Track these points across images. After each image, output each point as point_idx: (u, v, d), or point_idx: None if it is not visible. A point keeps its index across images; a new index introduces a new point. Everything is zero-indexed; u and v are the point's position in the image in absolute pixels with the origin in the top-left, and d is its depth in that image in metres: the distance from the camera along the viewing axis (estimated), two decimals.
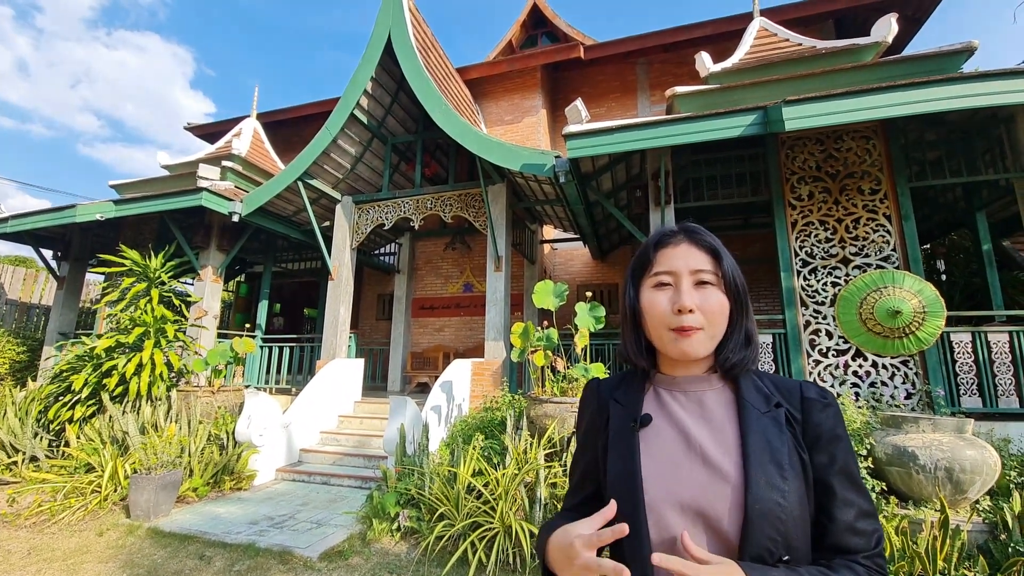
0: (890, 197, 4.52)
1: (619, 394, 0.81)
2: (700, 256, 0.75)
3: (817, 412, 0.72)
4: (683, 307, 0.72)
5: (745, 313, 0.76)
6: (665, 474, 0.69)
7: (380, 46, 6.15)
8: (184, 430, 4.80)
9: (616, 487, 0.71)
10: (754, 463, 0.66)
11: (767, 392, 0.74)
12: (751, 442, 0.68)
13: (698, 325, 0.72)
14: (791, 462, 0.68)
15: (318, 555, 3.18)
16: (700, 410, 0.74)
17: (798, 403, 0.73)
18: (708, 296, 0.73)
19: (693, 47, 8.14)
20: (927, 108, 3.63)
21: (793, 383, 0.76)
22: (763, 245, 7.75)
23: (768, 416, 0.71)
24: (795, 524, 0.65)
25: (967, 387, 4.14)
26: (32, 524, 3.67)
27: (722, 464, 0.68)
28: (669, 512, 0.67)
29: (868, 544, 0.67)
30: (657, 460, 0.71)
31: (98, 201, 6.82)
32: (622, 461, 0.73)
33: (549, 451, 3.77)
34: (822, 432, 0.71)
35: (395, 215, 6.92)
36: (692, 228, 0.79)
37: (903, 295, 4.09)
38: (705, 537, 0.66)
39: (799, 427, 0.71)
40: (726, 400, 0.75)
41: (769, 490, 0.65)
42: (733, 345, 0.75)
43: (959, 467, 2.91)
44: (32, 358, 8.48)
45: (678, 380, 0.77)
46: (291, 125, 11.14)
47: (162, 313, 5.73)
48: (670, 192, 5.01)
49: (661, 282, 0.76)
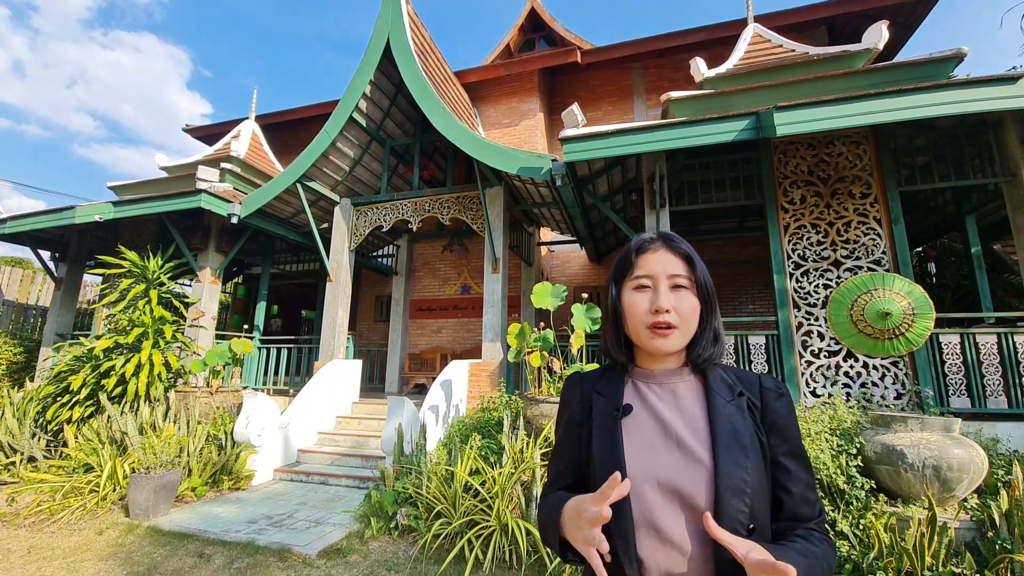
0: (880, 201, 4.60)
1: (600, 386, 0.89)
2: (676, 262, 0.84)
3: (773, 400, 0.82)
4: (660, 307, 0.80)
5: (713, 313, 0.85)
6: (644, 457, 0.78)
7: (379, 50, 6.21)
8: (183, 430, 4.82)
9: (601, 470, 0.79)
10: (722, 446, 0.75)
11: (731, 383, 0.84)
12: (719, 427, 0.77)
13: (674, 323, 0.81)
14: (752, 444, 0.77)
15: (317, 553, 3.22)
16: (674, 400, 0.83)
17: (758, 392, 0.83)
18: (682, 298, 0.82)
19: (688, 52, 8.24)
20: (916, 114, 3.70)
21: (753, 375, 0.86)
22: (757, 248, 7.84)
23: (733, 404, 0.80)
24: (757, 498, 0.74)
25: (956, 388, 4.20)
26: (31, 523, 3.69)
27: (695, 448, 0.76)
28: (648, 491, 0.75)
29: (814, 512, 0.79)
30: (637, 445, 0.79)
31: (97, 203, 6.84)
32: (607, 447, 0.80)
33: (545, 450, 3.82)
34: (777, 418, 0.82)
35: (393, 217, 6.97)
36: (669, 236, 0.88)
37: (893, 297, 4.17)
38: (682, 513, 0.74)
39: (758, 413, 0.81)
40: (696, 390, 0.84)
41: (736, 469, 0.74)
42: (704, 343, 0.84)
43: (947, 465, 2.97)
44: (29, 359, 8.47)
45: (654, 373, 0.86)
46: (289, 127, 11.18)
47: (161, 314, 5.76)
48: (665, 196, 5.08)
49: (641, 284, 0.84)
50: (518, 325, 4.51)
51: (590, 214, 6.59)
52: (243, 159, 8.06)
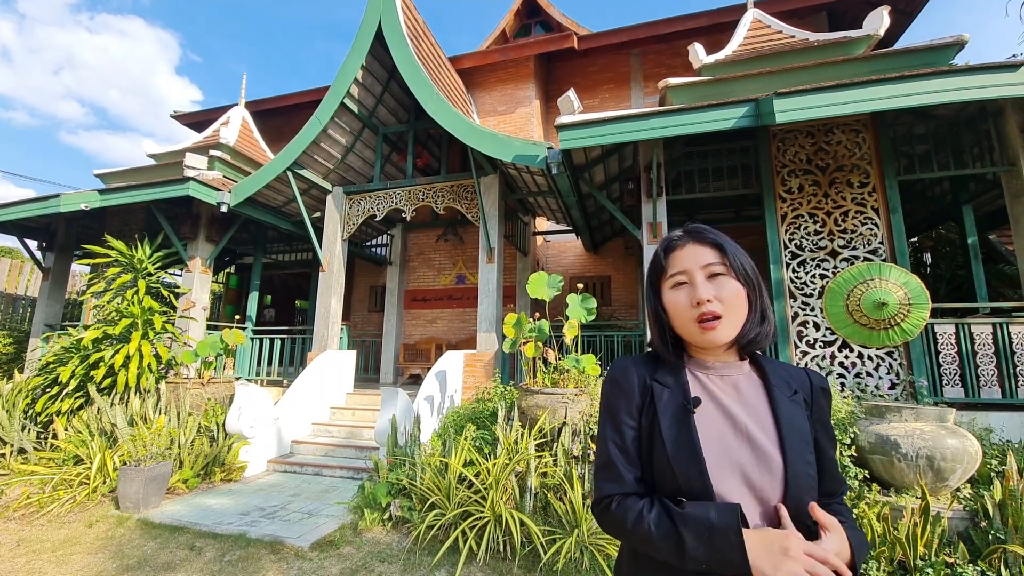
0: (878, 190, 4.56)
1: (660, 376, 0.88)
2: (707, 252, 0.85)
3: (822, 398, 0.88)
4: (700, 299, 0.81)
5: (758, 295, 0.86)
6: (718, 450, 0.79)
7: (370, 34, 6.05)
8: (173, 422, 4.77)
9: (679, 464, 0.79)
10: (790, 444, 0.79)
11: (787, 379, 0.87)
12: (785, 425, 0.81)
13: (719, 312, 0.81)
14: (810, 440, 0.82)
15: (309, 545, 3.19)
16: (737, 394, 0.84)
17: (808, 390, 0.87)
18: (722, 285, 0.83)
19: (687, 38, 8.11)
20: (917, 101, 3.65)
21: (800, 372, 0.90)
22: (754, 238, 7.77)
23: (792, 401, 0.84)
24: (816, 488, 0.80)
25: (950, 378, 4.21)
26: (21, 516, 3.65)
27: (765, 444, 0.79)
28: (724, 483, 0.78)
29: (841, 488, 0.87)
30: (709, 437, 0.80)
31: (83, 191, 6.69)
32: (683, 440, 0.80)
33: (540, 441, 3.80)
34: (822, 413, 0.88)
35: (387, 206, 6.87)
36: (695, 229, 0.89)
37: (889, 287, 4.14)
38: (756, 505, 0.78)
39: (809, 410, 0.86)
40: (756, 385, 0.86)
41: (804, 465, 0.79)
42: (750, 324, 0.84)
43: (940, 455, 2.97)
44: (19, 350, 8.37)
45: (712, 365, 0.87)
46: (281, 114, 10.97)
47: (149, 304, 5.67)
48: (662, 184, 5.02)
49: (678, 282, 0.85)
50: (515, 315, 4.46)
51: (586, 203, 6.52)
52: (233, 146, 7.90)
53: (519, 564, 2.94)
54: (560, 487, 3.38)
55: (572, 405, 3.77)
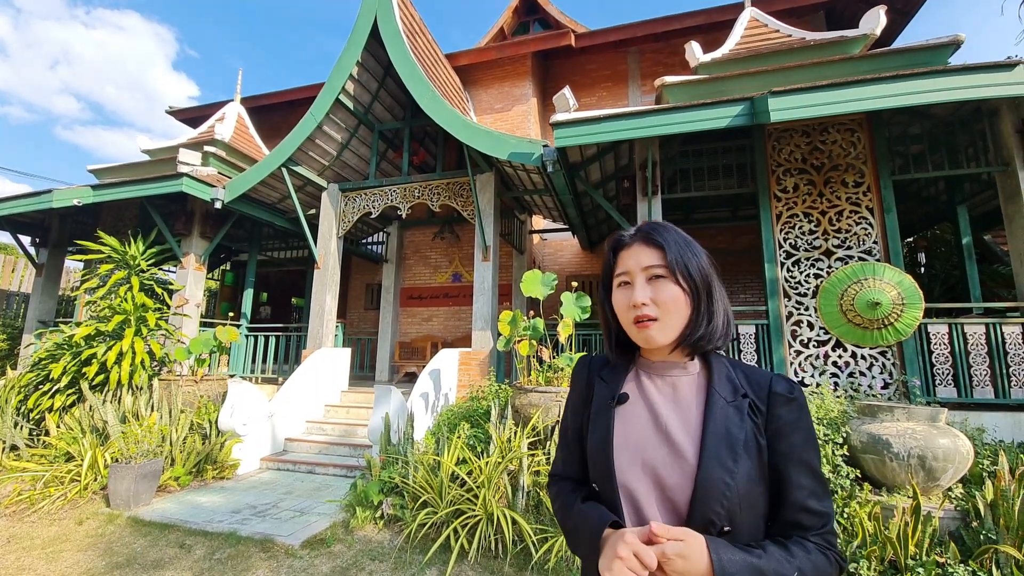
0: (873, 190, 4.56)
1: (605, 372, 0.91)
2: (650, 253, 0.83)
3: (780, 406, 0.79)
4: (635, 302, 0.81)
5: (704, 297, 0.82)
6: (633, 446, 0.80)
7: (366, 29, 6.02)
8: (165, 419, 4.75)
9: (593, 455, 0.84)
10: (709, 446, 0.75)
11: (736, 383, 0.82)
12: (710, 427, 0.77)
13: (653, 315, 0.80)
14: (746, 448, 0.76)
15: (300, 543, 3.18)
16: (673, 393, 0.83)
17: (765, 396, 0.80)
18: (659, 289, 0.81)
19: (685, 37, 8.10)
20: (912, 101, 3.64)
21: (765, 376, 0.83)
22: (750, 237, 7.81)
23: (732, 405, 0.79)
24: (741, 501, 0.73)
25: (943, 378, 4.22)
26: (11, 513, 3.63)
27: (683, 444, 0.77)
28: (634, 478, 0.78)
29: (818, 523, 0.76)
30: (628, 434, 0.81)
31: (76, 186, 6.64)
32: (600, 433, 0.84)
33: (533, 440, 3.79)
34: (781, 424, 0.79)
35: (382, 203, 6.84)
36: (644, 228, 0.87)
37: (883, 287, 4.15)
38: (661, 504, 0.77)
39: (762, 417, 0.79)
40: (698, 386, 0.83)
41: (719, 470, 0.74)
42: (692, 327, 0.82)
43: (932, 455, 2.98)
44: (12, 346, 8.32)
45: (656, 364, 0.86)
46: (277, 110, 10.92)
47: (143, 301, 5.64)
48: (658, 183, 5.00)
49: (622, 281, 0.85)
50: (510, 313, 4.45)
51: (582, 201, 6.51)
52: (228, 142, 7.86)
53: (510, 562, 2.93)
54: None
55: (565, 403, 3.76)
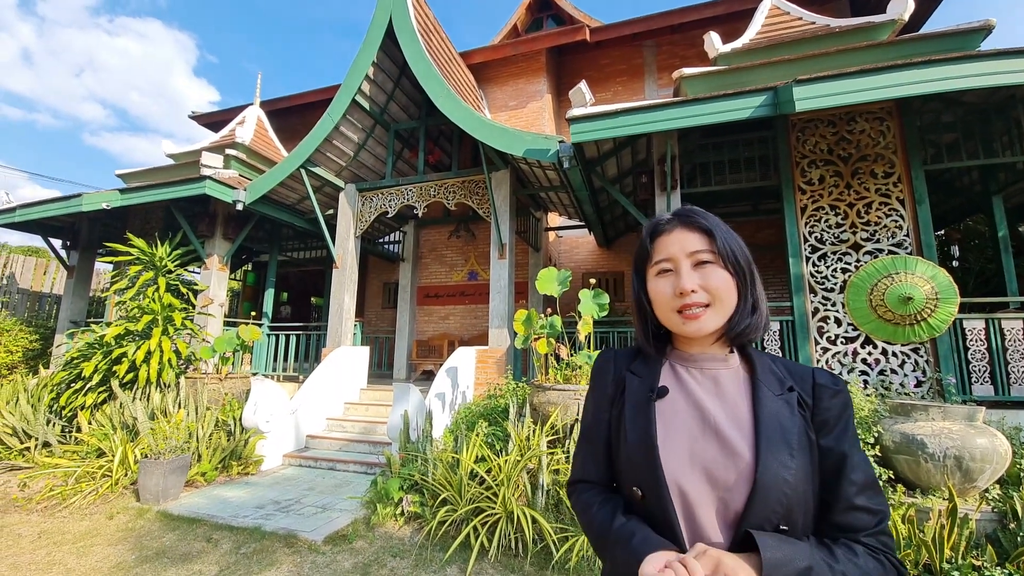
0: (904, 180, 4.40)
1: (636, 366, 0.85)
2: (694, 238, 0.79)
3: (828, 398, 0.76)
4: (684, 289, 0.76)
5: (749, 284, 0.79)
6: (680, 444, 0.74)
7: (381, 30, 6.05)
8: (191, 416, 4.86)
9: (634, 454, 0.77)
10: (765, 443, 0.71)
11: (780, 376, 0.78)
12: (764, 422, 0.73)
13: (703, 302, 0.76)
14: (800, 443, 0.72)
15: (323, 539, 3.22)
16: (715, 387, 0.78)
17: (810, 388, 0.77)
18: (709, 274, 0.77)
19: (703, 28, 7.93)
20: (944, 87, 3.50)
21: (806, 369, 0.80)
22: (772, 231, 7.63)
23: (781, 399, 0.75)
24: (797, 500, 0.70)
25: (979, 375, 4.06)
26: (43, 508, 3.75)
27: (735, 441, 0.72)
28: (684, 478, 0.72)
29: (870, 522, 0.71)
30: (672, 430, 0.76)
31: (104, 190, 6.85)
32: (639, 429, 0.77)
33: (552, 438, 3.77)
34: (830, 417, 0.75)
35: (398, 202, 6.88)
36: (684, 212, 0.83)
37: (915, 281, 4.00)
38: (713, 502, 0.71)
39: (809, 411, 0.76)
40: (741, 380, 0.79)
41: (778, 468, 0.69)
42: (739, 315, 0.78)
43: (969, 455, 2.86)
44: (45, 346, 8.63)
45: (694, 357, 0.81)
46: (295, 113, 11.08)
47: (169, 301, 5.78)
48: (676, 177, 4.91)
49: (662, 269, 0.80)
50: (524, 312, 4.43)
51: (599, 198, 6.44)
52: (248, 145, 8.00)
53: (531, 561, 2.92)
54: None
55: (584, 401, 3.73)
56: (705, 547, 0.66)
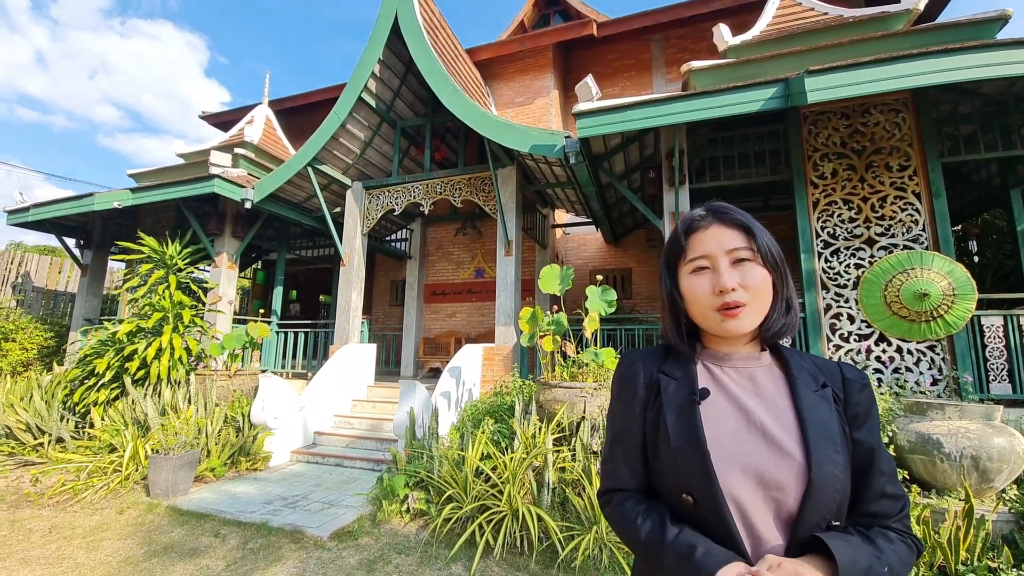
0: (920, 174, 4.29)
1: (668, 367, 0.83)
2: (733, 234, 0.77)
3: (857, 392, 0.78)
4: (725, 288, 0.74)
5: (785, 283, 0.79)
6: (728, 446, 0.73)
7: (387, 27, 6.04)
8: (201, 412, 4.90)
9: (682, 459, 0.74)
10: (814, 441, 0.71)
11: (813, 372, 0.79)
12: (809, 421, 0.73)
13: (743, 301, 0.75)
14: (841, 438, 0.73)
15: (328, 535, 3.23)
16: (753, 387, 0.77)
17: (840, 383, 0.78)
18: (748, 272, 0.76)
19: (712, 21, 7.81)
20: (961, 76, 3.39)
21: (832, 364, 0.81)
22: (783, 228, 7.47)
23: (818, 395, 0.76)
24: (845, 494, 0.71)
25: (997, 373, 3.95)
26: (55, 503, 3.81)
27: (784, 441, 0.72)
28: (736, 481, 0.71)
29: (895, 508, 0.74)
30: (718, 432, 0.74)
31: (116, 190, 6.93)
32: (685, 433, 0.75)
33: (558, 436, 3.74)
34: (859, 410, 0.77)
35: (405, 200, 6.88)
36: (719, 208, 0.81)
37: (932, 277, 3.90)
38: (768, 503, 0.71)
39: (842, 406, 0.77)
40: (777, 377, 0.79)
41: (830, 465, 0.70)
42: (776, 315, 0.78)
43: (986, 455, 2.79)
44: (60, 343, 8.78)
45: (727, 356, 0.80)
46: (303, 112, 11.13)
47: (180, 299, 5.84)
48: (685, 172, 4.84)
49: (699, 267, 0.78)
50: (530, 309, 4.40)
51: (606, 194, 6.38)
52: (257, 144, 8.06)
53: (536, 560, 2.89)
54: (578, 483, 3.32)
55: (591, 399, 3.69)
56: (779, 559, 0.65)
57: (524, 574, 2.79)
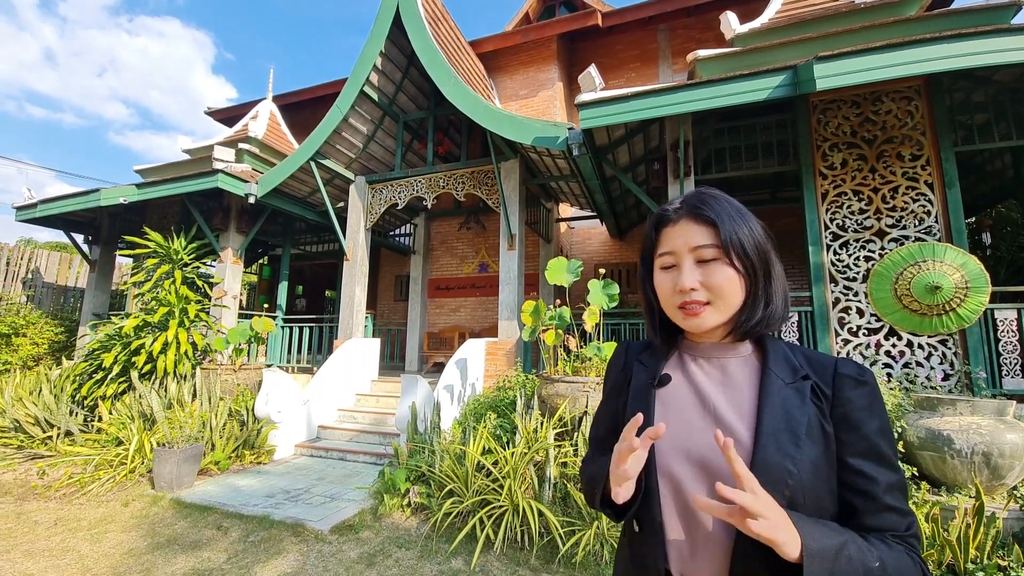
0: (933, 163, 4.18)
1: (644, 356, 0.86)
2: (699, 231, 0.74)
3: (849, 389, 0.71)
4: (683, 288, 0.73)
5: (762, 278, 0.74)
6: (676, 429, 0.74)
7: (389, 19, 5.99)
8: (206, 406, 4.93)
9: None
10: (767, 429, 0.68)
11: (795, 364, 0.74)
12: (767, 409, 0.70)
13: (703, 300, 0.73)
14: (810, 433, 0.68)
15: (329, 528, 3.23)
16: (721, 376, 0.77)
17: (830, 378, 0.72)
18: (711, 272, 0.73)
19: (719, 9, 7.67)
20: (975, 62, 3.29)
21: (829, 359, 0.76)
22: (790, 220, 7.36)
23: (792, 387, 0.72)
24: (803, 493, 0.65)
25: (1011, 367, 3.86)
26: (61, 496, 3.85)
27: (734, 425, 0.71)
28: (676, 463, 0.72)
29: (900, 524, 0.66)
30: (671, 416, 0.76)
31: (122, 185, 6.97)
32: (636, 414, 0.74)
33: (560, 430, 3.71)
34: (850, 409, 0.70)
35: (408, 194, 6.85)
36: (692, 201, 0.76)
37: (944, 269, 3.80)
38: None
39: (827, 402, 0.71)
40: (751, 368, 0.76)
41: (779, 456, 0.66)
42: (747, 311, 0.75)
43: (998, 452, 2.72)
44: (69, 338, 8.89)
45: (702, 347, 0.80)
46: (307, 106, 11.12)
47: (185, 293, 5.87)
48: (690, 164, 4.76)
49: (665, 264, 0.77)
50: (532, 303, 4.36)
51: (610, 187, 6.30)
52: (261, 139, 8.06)
53: (536, 555, 2.87)
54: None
55: (593, 394, 3.66)
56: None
57: (524, 569, 2.77)
